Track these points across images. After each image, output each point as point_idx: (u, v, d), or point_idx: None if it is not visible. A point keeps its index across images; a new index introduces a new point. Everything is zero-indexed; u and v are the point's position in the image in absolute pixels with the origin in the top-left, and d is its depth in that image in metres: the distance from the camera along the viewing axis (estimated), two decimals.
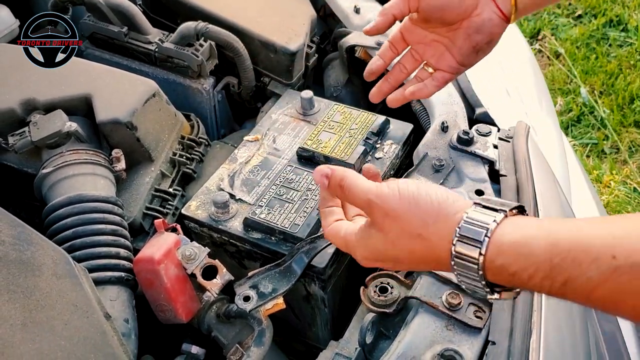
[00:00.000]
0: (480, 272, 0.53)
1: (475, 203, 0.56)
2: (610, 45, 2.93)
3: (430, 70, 0.89)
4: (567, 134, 2.46)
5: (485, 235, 0.52)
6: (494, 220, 0.52)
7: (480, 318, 0.70)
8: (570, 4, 3.21)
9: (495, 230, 0.52)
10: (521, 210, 0.55)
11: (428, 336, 0.69)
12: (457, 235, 0.53)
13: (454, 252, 0.54)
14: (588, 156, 2.42)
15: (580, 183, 1.26)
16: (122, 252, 0.86)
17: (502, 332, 0.68)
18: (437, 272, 0.74)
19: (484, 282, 0.53)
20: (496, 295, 0.55)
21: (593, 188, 1.33)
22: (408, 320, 0.73)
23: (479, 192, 0.87)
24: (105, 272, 0.82)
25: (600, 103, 2.58)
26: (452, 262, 0.54)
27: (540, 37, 3.05)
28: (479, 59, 0.87)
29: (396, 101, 0.93)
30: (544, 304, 0.73)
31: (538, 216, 0.83)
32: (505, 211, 0.53)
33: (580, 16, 3.15)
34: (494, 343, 0.67)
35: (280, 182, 0.98)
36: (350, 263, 0.97)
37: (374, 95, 0.94)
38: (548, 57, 2.92)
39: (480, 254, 0.52)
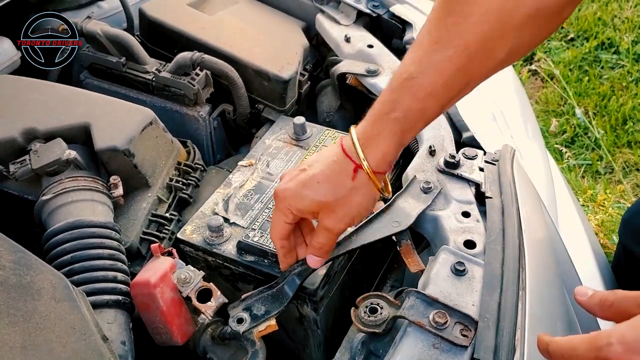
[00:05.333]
0: None
1: None
2: (602, 67, 2.97)
3: None
4: (561, 155, 2.49)
5: None
6: None
7: (466, 336, 0.72)
8: (562, 28, 3.27)
9: None
10: None
11: (416, 355, 0.71)
12: None
13: None
14: (583, 177, 2.45)
15: (567, 205, 1.28)
16: (120, 276, 0.88)
17: (487, 349, 0.70)
18: (424, 292, 0.76)
19: None
20: None
21: (581, 210, 1.36)
22: (396, 339, 0.75)
23: (466, 214, 0.89)
24: (103, 296, 0.84)
25: (594, 124, 2.62)
26: None
27: (536, 58, 3.10)
28: None
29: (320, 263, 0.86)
30: (528, 323, 0.75)
31: (522, 242, 0.85)
32: None
33: (572, 39, 3.20)
34: None
35: (273, 205, 1.00)
36: (342, 284, 0.99)
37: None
38: (542, 79, 2.96)
39: None
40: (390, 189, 0.82)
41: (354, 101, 1.33)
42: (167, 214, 1.05)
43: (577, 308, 0.95)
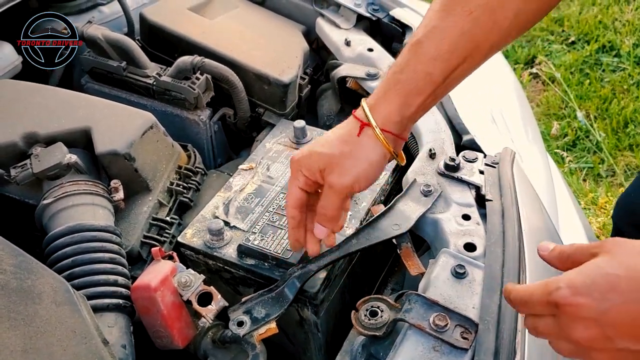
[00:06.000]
0: None
1: None
2: (603, 70, 2.97)
3: None
4: (562, 158, 2.49)
5: None
6: None
7: (467, 339, 0.72)
8: (563, 31, 3.27)
9: None
10: None
11: (416, 358, 0.71)
12: None
13: None
14: (584, 180, 2.45)
15: (568, 208, 1.28)
16: (120, 279, 0.88)
17: (488, 352, 0.70)
18: (424, 294, 0.76)
19: None
20: None
21: (582, 212, 1.36)
22: (397, 342, 0.75)
23: (466, 217, 0.89)
24: (104, 300, 0.84)
25: (595, 127, 2.62)
26: None
27: (537, 62, 3.10)
28: None
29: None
30: None
31: (522, 244, 0.85)
32: None
33: (573, 42, 3.20)
34: None
35: (274, 209, 1.00)
36: (343, 288, 0.99)
37: (315, 252, 0.88)
38: (543, 83, 2.97)
39: None
40: (404, 157, 0.84)
41: (354, 105, 1.32)
42: (167, 218, 1.05)
43: None
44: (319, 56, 1.50)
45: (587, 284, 0.56)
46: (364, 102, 0.79)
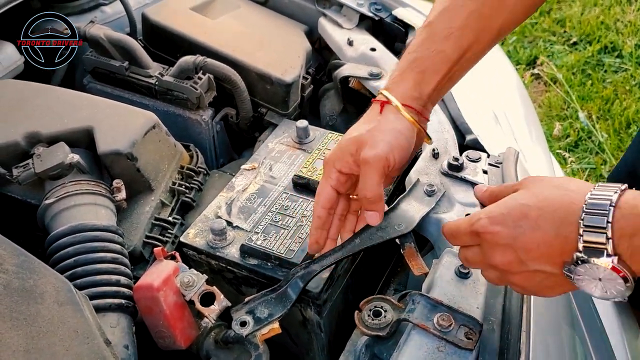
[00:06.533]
0: (612, 207, 0.56)
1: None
2: (605, 71, 2.97)
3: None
4: (565, 159, 2.49)
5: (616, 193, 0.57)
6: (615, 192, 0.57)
7: (471, 339, 0.71)
8: (565, 31, 3.27)
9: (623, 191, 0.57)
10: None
11: (420, 358, 0.71)
12: (591, 192, 0.58)
13: (587, 200, 0.57)
14: (587, 180, 2.44)
15: None
16: (123, 279, 0.88)
17: (492, 352, 0.70)
18: (428, 295, 0.76)
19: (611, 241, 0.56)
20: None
21: None
22: (400, 343, 0.74)
23: None
24: (106, 300, 0.84)
25: (597, 128, 2.61)
26: (583, 213, 0.57)
27: (539, 62, 3.09)
28: None
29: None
30: (533, 326, 0.74)
31: None
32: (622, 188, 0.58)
33: (575, 43, 3.20)
34: None
35: (276, 209, 1.00)
36: (346, 288, 0.98)
37: (314, 249, 0.86)
38: (545, 83, 2.96)
39: (617, 195, 0.56)
40: (429, 137, 0.88)
41: (357, 104, 1.32)
42: (170, 218, 1.05)
43: (582, 309, 0.95)
44: (322, 56, 1.50)
45: (502, 214, 0.63)
46: (381, 89, 0.83)
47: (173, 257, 0.90)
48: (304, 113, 1.37)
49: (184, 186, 1.10)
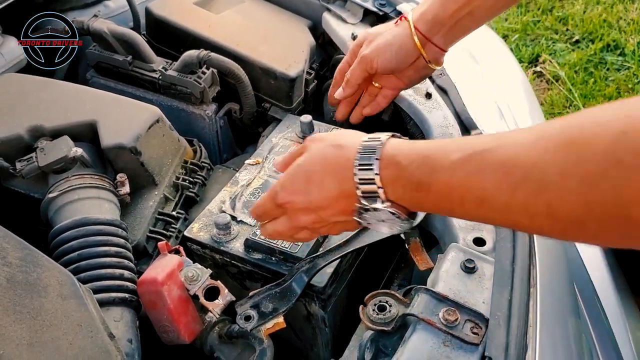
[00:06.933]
0: (377, 160, 0.64)
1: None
2: (608, 69, 2.96)
3: (377, 85, 1.06)
4: None
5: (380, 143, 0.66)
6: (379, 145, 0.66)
7: (477, 334, 0.71)
8: (567, 29, 3.26)
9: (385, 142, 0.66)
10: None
11: (425, 353, 0.70)
12: (361, 146, 0.67)
13: (357, 155, 0.66)
14: None
15: None
16: (126, 273, 0.88)
17: (499, 347, 0.69)
18: (433, 289, 0.75)
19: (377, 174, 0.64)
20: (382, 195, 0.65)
21: None
22: (406, 337, 0.74)
23: None
24: (110, 294, 0.84)
25: None
26: (355, 167, 0.66)
27: (541, 60, 3.08)
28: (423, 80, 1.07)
29: (357, 119, 1.13)
30: (539, 321, 0.74)
31: (533, 239, 0.85)
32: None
33: (577, 41, 3.19)
34: (490, 359, 0.68)
35: None
36: (350, 282, 0.98)
37: (340, 115, 1.13)
38: (547, 81, 2.95)
39: (379, 145, 0.65)
40: (441, 62, 1.01)
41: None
42: (173, 213, 1.05)
43: (585, 299, 0.95)
44: (325, 51, 1.49)
45: (293, 183, 0.72)
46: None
47: (177, 252, 0.89)
48: (308, 108, 1.37)
49: (187, 181, 1.09)
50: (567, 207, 0.50)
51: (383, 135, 0.67)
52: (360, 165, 0.65)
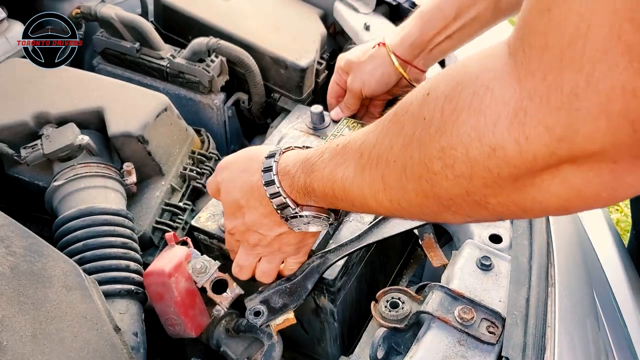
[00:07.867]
0: (275, 175, 0.69)
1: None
2: None
3: (368, 98, 1.07)
4: None
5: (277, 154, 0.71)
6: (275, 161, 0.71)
7: (493, 333, 0.69)
8: None
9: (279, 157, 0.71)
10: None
11: (440, 351, 0.68)
12: (262, 164, 0.71)
13: (262, 180, 0.70)
14: None
15: None
16: (132, 265, 0.86)
17: (516, 347, 0.67)
18: (448, 287, 0.73)
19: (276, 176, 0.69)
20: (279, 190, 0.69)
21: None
22: (420, 335, 0.72)
23: None
24: (115, 285, 0.82)
25: None
26: (263, 187, 0.70)
27: None
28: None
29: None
30: (558, 320, 0.72)
31: (551, 236, 0.83)
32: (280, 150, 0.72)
33: None
34: (507, 359, 0.66)
35: None
36: (360, 277, 0.96)
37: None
38: None
39: (274, 161, 0.70)
40: (413, 86, 0.99)
41: None
42: (180, 204, 1.03)
43: (604, 307, 0.93)
44: (336, 41, 1.47)
45: (230, 212, 0.76)
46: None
47: (184, 243, 0.87)
48: (318, 99, 1.34)
49: (195, 171, 1.07)
50: (393, 176, 0.54)
51: (279, 150, 0.72)
52: (265, 182, 0.70)
